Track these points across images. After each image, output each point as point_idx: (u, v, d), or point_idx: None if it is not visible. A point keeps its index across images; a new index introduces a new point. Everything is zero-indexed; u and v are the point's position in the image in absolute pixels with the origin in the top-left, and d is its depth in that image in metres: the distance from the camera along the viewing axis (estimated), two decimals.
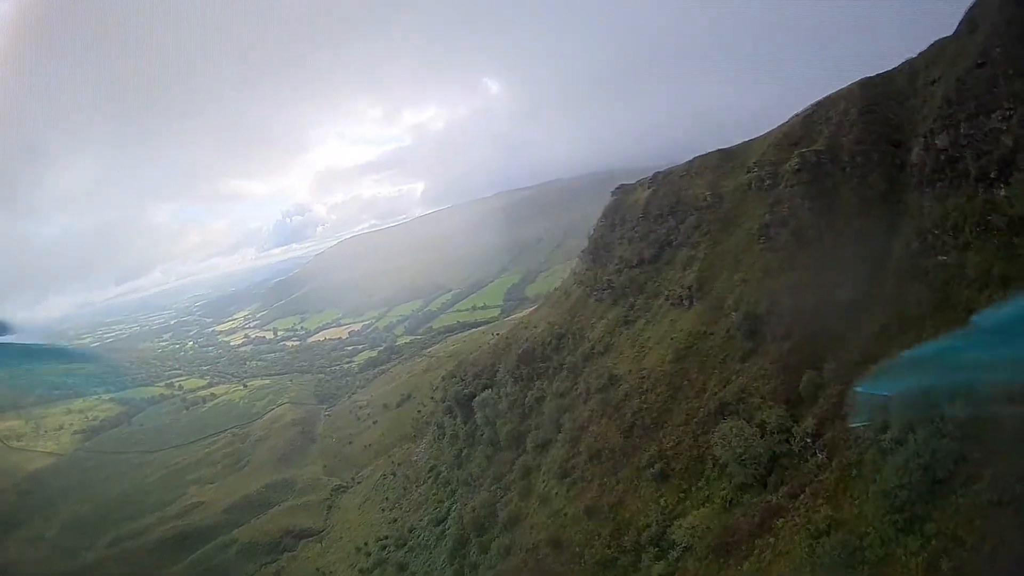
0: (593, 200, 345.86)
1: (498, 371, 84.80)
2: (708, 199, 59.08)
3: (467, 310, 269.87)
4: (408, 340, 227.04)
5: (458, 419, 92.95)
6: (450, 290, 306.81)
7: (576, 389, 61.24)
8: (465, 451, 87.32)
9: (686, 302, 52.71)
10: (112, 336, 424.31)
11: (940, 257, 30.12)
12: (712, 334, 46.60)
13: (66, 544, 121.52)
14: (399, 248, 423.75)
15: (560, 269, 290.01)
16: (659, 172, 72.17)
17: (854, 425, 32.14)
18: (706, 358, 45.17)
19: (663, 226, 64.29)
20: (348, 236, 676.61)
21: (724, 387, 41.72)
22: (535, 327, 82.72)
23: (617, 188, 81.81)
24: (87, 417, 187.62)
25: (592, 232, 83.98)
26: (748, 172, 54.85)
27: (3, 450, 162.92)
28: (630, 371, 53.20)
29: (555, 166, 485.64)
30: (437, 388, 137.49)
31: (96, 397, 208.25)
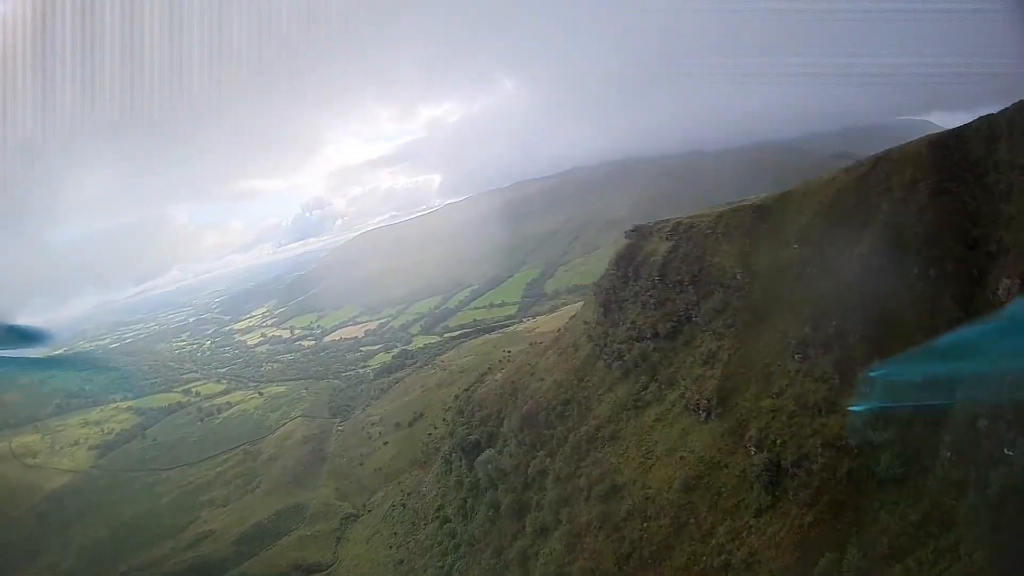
0: (610, 190, 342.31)
1: (503, 422, 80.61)
2: (738, 276, 50.84)
3: (485, 307, 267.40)
4: (423, 344, 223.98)
5: (463, 464, 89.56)
6: (468, 286, 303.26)
7: (578, 476, 55.96)
8: (470, 502, 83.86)
9: (703, 413, 46.24)
10: (131, 336, 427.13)
11: (1007, 451, 24.13)
12: (728, 467, 40.27)
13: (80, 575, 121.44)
14: (416, 242, 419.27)
15: (579, 263, 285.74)
16: (680, 222, 62.82)
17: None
18: (718, 496, 39.11)
19: (682, 296, 56.79)
20: (366, 230, 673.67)
21: (732, 541, 35.93)
22: (541, 379, 77.50)
23: (631, 230, 73.45)
24: (103, 430, 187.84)
25: (602, 279, 77.14)
26: (788, 246, 46.80)
27: (21, 469, 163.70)
28: (634, 482, 47.59)
29: (572, 156, 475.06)
30: (448, 409, 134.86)
31: (113, 407, 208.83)
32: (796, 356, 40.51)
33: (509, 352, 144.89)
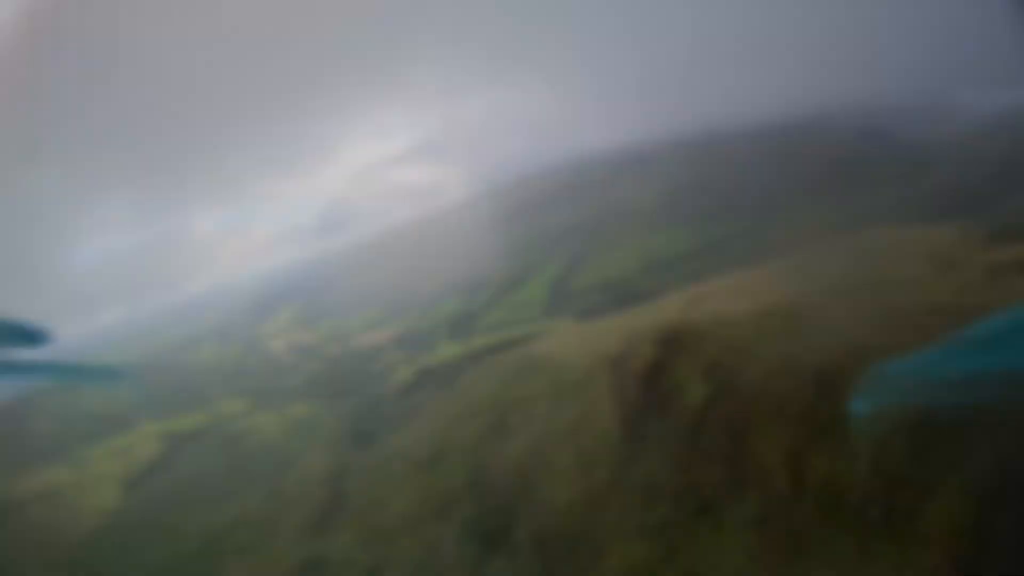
0: (630, 179, 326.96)
1: (515, 522, 74.50)
2: (787, 490, 39.15)
3: (509, 308, 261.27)
4: (446, 356, 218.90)
5: (477, 551, 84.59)
6: (490, 284, 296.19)
7: None
8: None
9: None
10: (160, 343, 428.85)
11: None
12: None
13: None
14: (437, 237, 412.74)
15: (604, 259, 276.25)
16: (720, 363, 48.85)
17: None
18: None
19: (711, 473, 46.67)
20: (388, 225, 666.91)
21: None
22: (555, 485, 70.63)
23: (663, 341, 60.84)
24: (129, 459, 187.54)
25: (625, 383, 67.59)
26: (854, 462, 33.84)
27: (50, 511, 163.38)
28: None
29: (590, 142, 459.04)
30: (469, 452, 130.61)
31: (140, 431, 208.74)
32: None
33: (529, 385, 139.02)
